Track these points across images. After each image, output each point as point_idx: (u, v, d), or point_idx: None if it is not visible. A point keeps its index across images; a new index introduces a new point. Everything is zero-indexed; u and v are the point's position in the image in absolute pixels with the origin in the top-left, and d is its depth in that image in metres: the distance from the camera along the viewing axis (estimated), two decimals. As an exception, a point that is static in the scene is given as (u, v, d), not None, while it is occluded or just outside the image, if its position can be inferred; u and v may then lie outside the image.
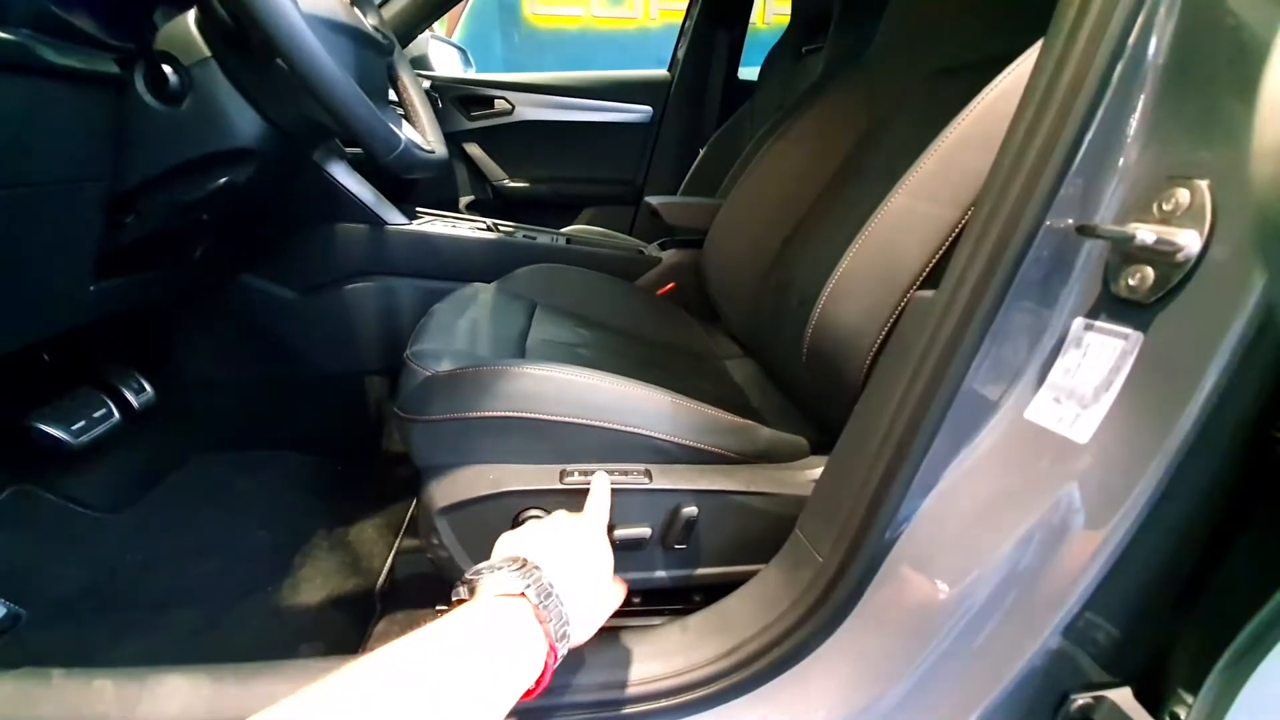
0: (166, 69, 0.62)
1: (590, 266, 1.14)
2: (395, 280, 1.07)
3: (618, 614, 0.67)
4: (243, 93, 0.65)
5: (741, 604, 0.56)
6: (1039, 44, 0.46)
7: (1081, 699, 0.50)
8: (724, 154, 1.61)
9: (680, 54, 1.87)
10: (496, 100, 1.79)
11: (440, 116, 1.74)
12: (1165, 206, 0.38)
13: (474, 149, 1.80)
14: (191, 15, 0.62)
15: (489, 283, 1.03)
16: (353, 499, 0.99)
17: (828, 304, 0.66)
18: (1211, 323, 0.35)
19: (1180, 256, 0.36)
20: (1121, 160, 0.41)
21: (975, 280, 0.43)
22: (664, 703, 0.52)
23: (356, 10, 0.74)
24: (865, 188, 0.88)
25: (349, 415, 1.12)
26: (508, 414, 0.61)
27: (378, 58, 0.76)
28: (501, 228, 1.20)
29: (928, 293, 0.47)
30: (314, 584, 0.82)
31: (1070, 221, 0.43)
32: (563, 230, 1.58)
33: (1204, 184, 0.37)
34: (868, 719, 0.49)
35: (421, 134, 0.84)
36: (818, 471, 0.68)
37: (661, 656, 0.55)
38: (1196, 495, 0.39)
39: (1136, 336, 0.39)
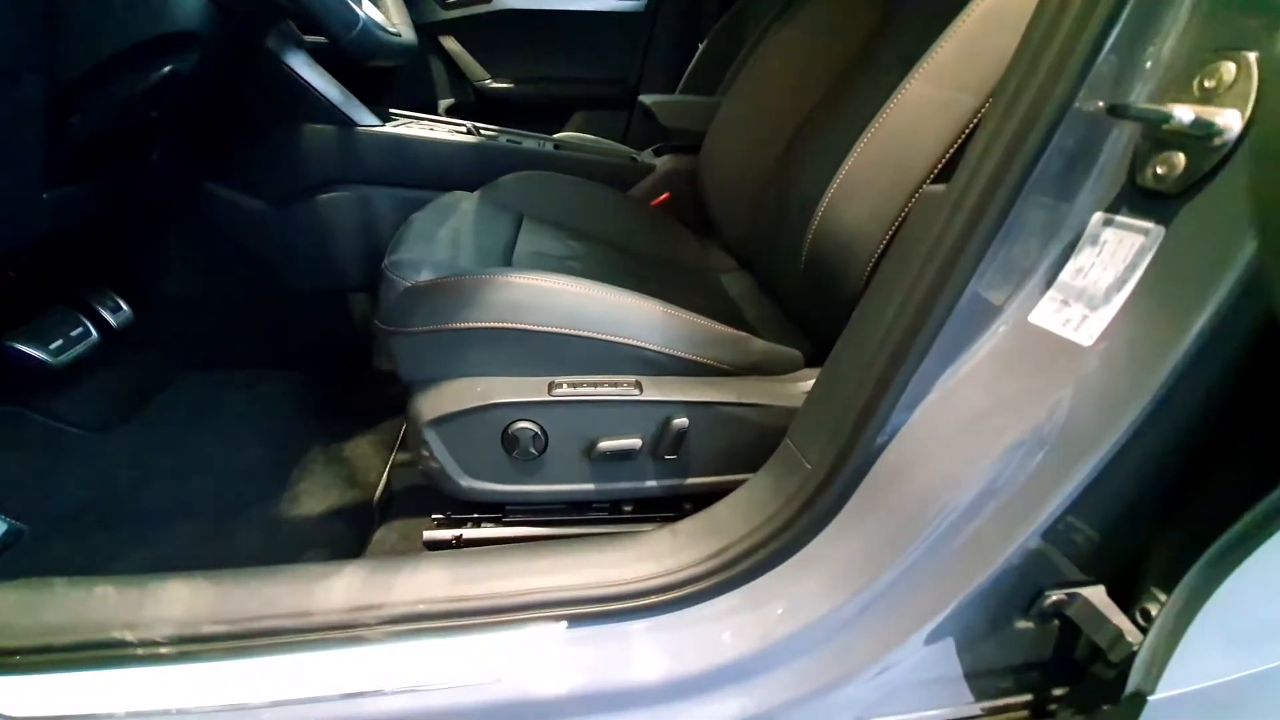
0: None
1: (580, 174, 1.08)
2: (371, 190, 1.01)
3: (610, 521, 0.70)
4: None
5: (730, 510, 0.57)
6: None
7: (1055, 595, 0.52)
8: (725, 49, 1.49)
9: (676, -71, 1.68)
10: (474, -14, 1.63)
11: (410, 3, 1.59)
12: (1207, 83, 0.34)
13: (451, 44, 1.66)
14: None
15: (471, 191, 0.98)
16: (344, 417, 0.99)
17: (831, 206, 0.62)
18: (1240, 216, 0.32)
19: (1218, 140, 0.33)
20: (1162, 32, 0.37)
21: (991, 171, 0.40)
22: (655, 598, 0.54)
23: None
24: (876, 81, 0.80)
25: (334, 334, 1.10)
26: (493, 325, 0.59)
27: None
28: (484, 131, 1.13)
29: (939, 187, 0.44)
30: (313, 496, 0.83)
31: (1100, 104, 0.39)
32: (552, 136, 1.50)
33: (1252, 57, 0.33)
34: (848, 611, 0.51)
35: (384, 11, 0.76)
36: (809, 383, 0.67)
37: (653, 559, 0.56)
38: (1199, 398, 0.38)
39: (1158, 231, 0.36)
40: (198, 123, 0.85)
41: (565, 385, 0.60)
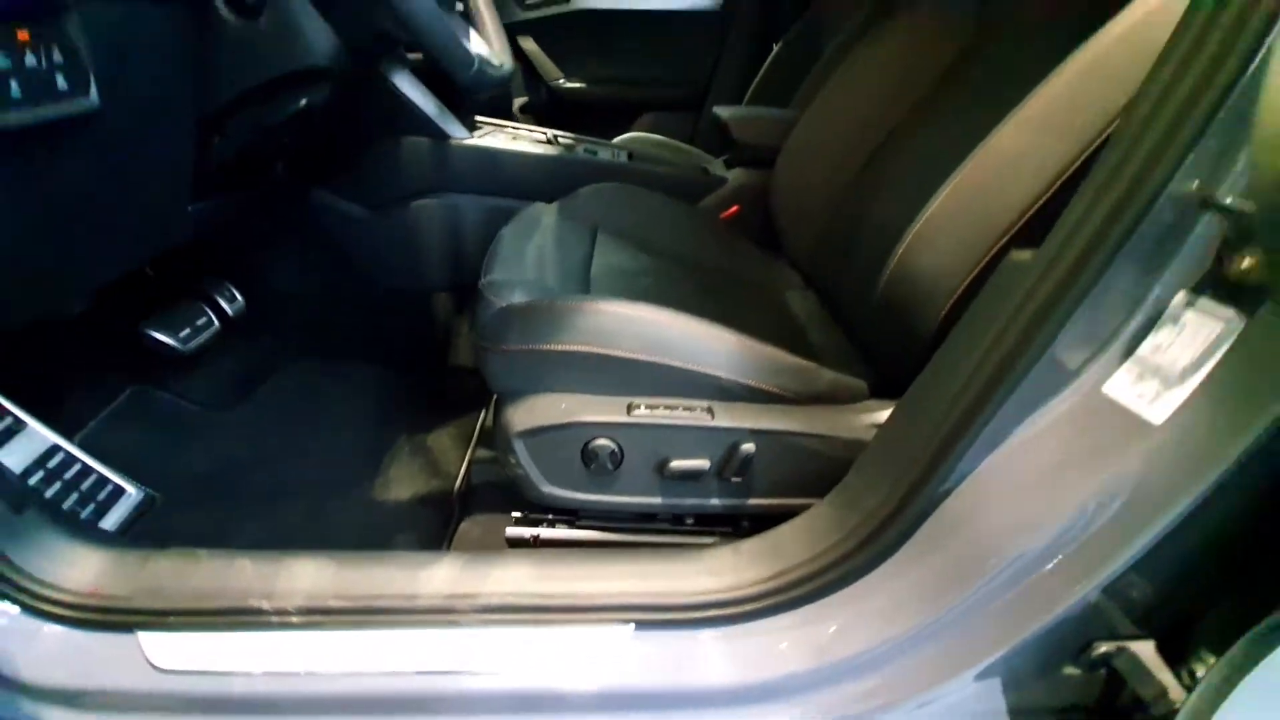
0: None
1: (653, 186, 1.11)
2: (459, 198, 1.08)
3: (674, 531, 0.75)
4: (318, 6, 0.64)
5: (793, 534, 0.61)
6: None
7: (1105, 646, 0.53)
8: (801, 53, 1.49)
9: (756, -70, 1.67)
10: (553, -14, 1.67)
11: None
12: (1304, 183, 0.35)
13: (529, 44, 1.71)
14: (263, -77, 0.60)
15: (550, 201, 1.03)
16: (426, 409, 1.08)
17: (910, 248, 0.64)
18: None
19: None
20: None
21: (1083, 244, 0.41)
22: (716, 611, 0.59)
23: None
24: (960, 114, 0.81)
25: (419, 330, 1.18)
26: (580, 349, 0.64)
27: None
28: (562, 140, 1.18)
29: (1026, 254, 0.46)
30: (401, 483, 0.92)
31: (1195, 186, 0.40)
32: (621, 138, 1.54)
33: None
34: (901, 644, 0.55)
35: (488, 42, 0.82)
36: (874, 416, 0.70)
37: (716, 573, 0.61)
38: (1264, 488, 0.39)
39: (1238, 322, 0.37)
40: (317, 140, 0.93)
41: (643, 407, 0.65)
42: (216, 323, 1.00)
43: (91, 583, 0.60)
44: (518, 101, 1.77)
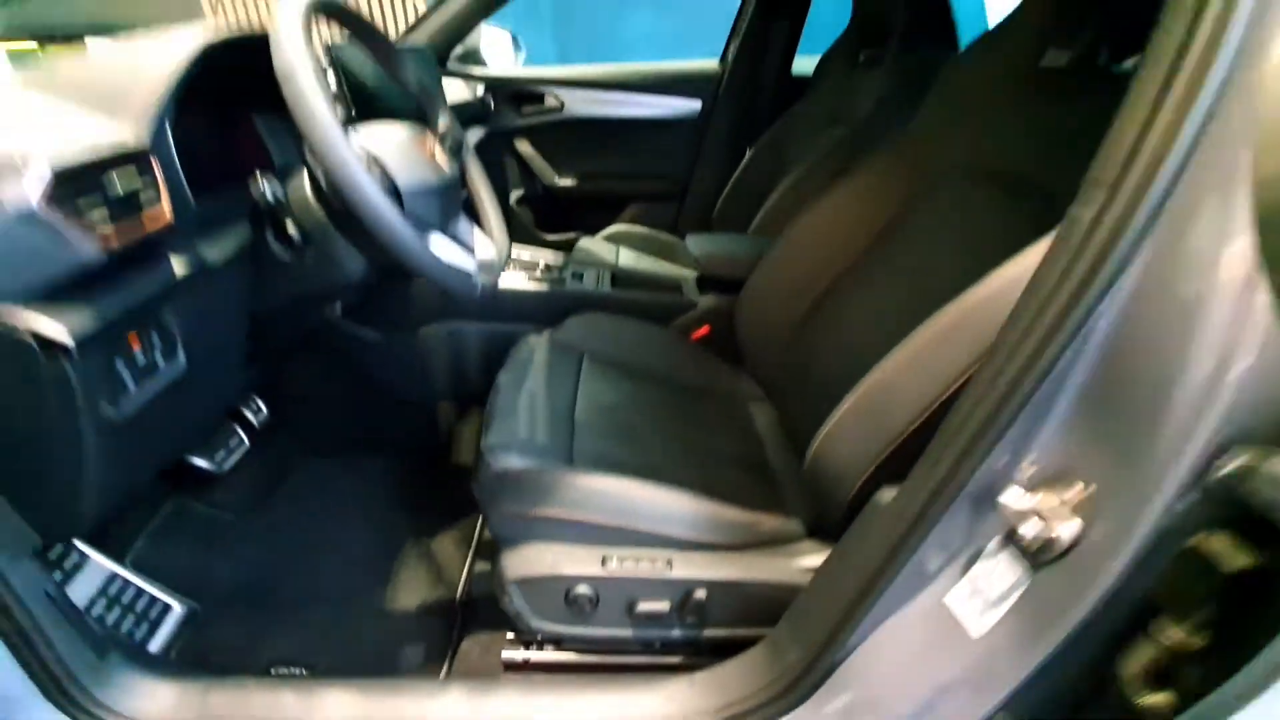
0: (291, 228, 0.76)
1: (632, 311, 1.27)
2: (460, 324, 1.23)
3: (640, 652, 0.89)
4: (353, 243, 0.78)
5: (736, 673, 0.75)
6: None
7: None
8: (772, 156, 1.66)
9: (732, 48, 1.84)
10: (547, 96, 1.83)
11: (494, 116, 1.81)
12: (1064, 488, 0.50)
13: (524, 147, 1.87)
14: (308, 185, 0.75)
15: (542, 325, 1.18)
16: (430, 508, 1.22)
17: (825, 439, 0.79)
18: (1072, 595, 0.49)
19: (1056, 548, 0.49)
20: (1045, 434, 0.53)
21: (933, 488, 0.56)
22: (671, 739, 0.73)
23: (430, 141, 0.84)
24: (883, 281, 0.97)
25: (424, 433, 1.33)
26: (561, 515, 0.79)
27: (454, 183, 0.86)
28: (549, 263, 1.33)
29: (890, 492, 0.61)
30: (409, 589, 1.06)
31: (1006, 459, 0.55)
32: (609, 230, 1.70)
33: (1093, 488, 0.49)
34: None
35: (490, 235, 0.96)
36: (807, 560, 0.84)
37: (673, 702, 0.75)
38: (1050, 695, 0.54)
39: (1025, 578, 0.52)
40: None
41: (614, 559, 0.79)
42: (246, 442, 1.14)
43: (164, 715, 0.73)
44: (515, 194, 1.93)
